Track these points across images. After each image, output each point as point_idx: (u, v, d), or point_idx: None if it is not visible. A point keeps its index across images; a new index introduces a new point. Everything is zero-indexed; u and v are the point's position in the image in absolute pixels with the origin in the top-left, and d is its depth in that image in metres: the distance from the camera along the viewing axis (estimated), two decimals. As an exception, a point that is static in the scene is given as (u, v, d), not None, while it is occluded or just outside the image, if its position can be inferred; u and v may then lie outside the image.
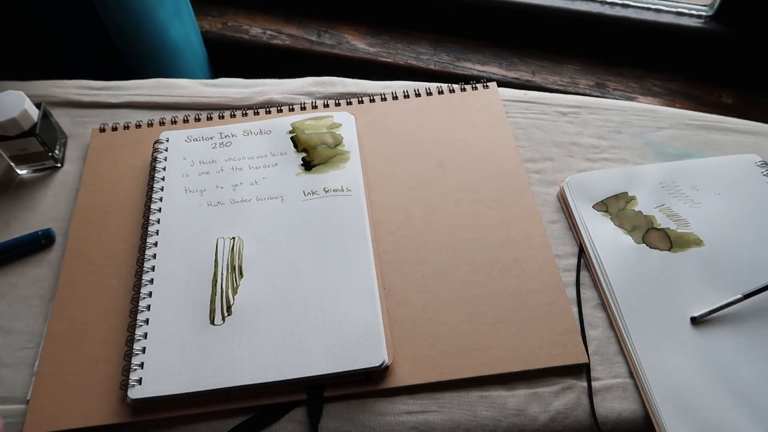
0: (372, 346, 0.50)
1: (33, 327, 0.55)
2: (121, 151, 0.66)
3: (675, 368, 0.50)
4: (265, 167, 0.63)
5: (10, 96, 0.61)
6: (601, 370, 0.51)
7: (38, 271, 0.58)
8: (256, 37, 1.13)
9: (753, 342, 0.51)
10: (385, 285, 0.55)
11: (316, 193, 0.60)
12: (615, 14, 0.99)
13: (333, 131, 0.65)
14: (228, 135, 0.66)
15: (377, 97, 0.71)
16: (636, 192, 0.61)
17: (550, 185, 0.63)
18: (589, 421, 0.49)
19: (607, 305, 0.55)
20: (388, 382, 0.50)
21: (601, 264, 0.56)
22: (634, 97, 0.98)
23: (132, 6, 0.93)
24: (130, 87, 0.74)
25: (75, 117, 0.70)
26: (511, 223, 0.59)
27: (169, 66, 1.03)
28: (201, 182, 0.62)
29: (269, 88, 0.73)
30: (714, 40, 0.96)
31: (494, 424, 0.49)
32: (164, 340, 0.51)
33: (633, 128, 0.68)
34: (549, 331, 0.53)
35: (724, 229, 0.58)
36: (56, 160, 0.66)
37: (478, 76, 1.04)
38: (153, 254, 0.57)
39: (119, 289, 0.56)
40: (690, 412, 0.48)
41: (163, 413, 0.49)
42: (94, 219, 0.61)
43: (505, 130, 0.67)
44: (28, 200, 0.64)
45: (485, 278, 0.56)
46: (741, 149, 0.66)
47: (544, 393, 0.50)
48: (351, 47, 1.10)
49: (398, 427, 0.49)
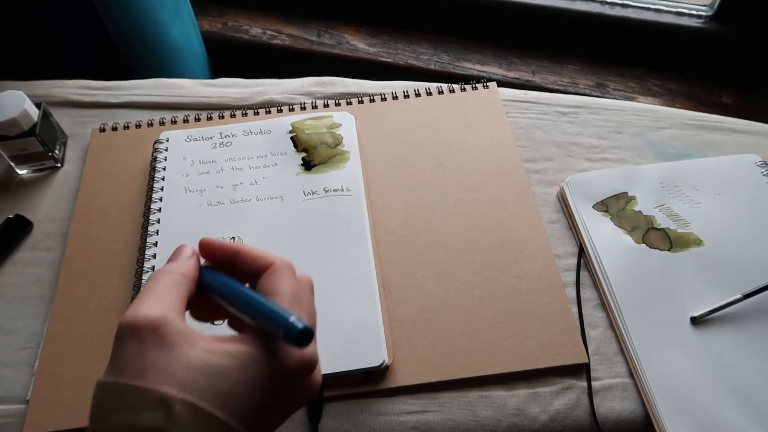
0: (372, 346, 0.50)
1: (33, 327, 0.55)
2: (121, 151, 0.66)
3: (675, 368, 0.50)
4: (265, 167, 0.63)
5: (10, 96, 0.61)
6: (601, 370, 0.51)
7: (38, 271, 0.58)
8: (256, 37, 1.13)
9: (753, 342, 0.51)
10: (385, 285, 0.55)
11: (316, 193, 0.60)
12: (615, 14, 0.99)
13: (333, 131, 0.65)
14: (228, 135, 0.66)
15: (377, 97, 0.71)
16: (636, 192, 0.61)
17: (550, 185, 0.63)
18: (589, 420, 0.49)
19: (607, 305, 0.55)
20: (388, 381, 0.50)
21: (601, 264, 0.56)
22: (634, 97, 0.98)
23: (132, 6, 0.93)
24: (130, 87, 0.74)
25: (75, 117, 0.70)
26: (511, 223, 0.59)
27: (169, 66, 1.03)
28: (201, 182, 0.62)
29: (269, 88, 0.73)
30: (714, 40, 0.96)
31: (494, 423, 0.49)
32: (164, 340, 0.51)
33: (633, 128, 0.68)
34: (549, 331, 0.53)
35: (724, 229, 0.58)
36: (56, 160, 0.66)
37: (478, 76, 1.04)
38: (153, 254, 0.57)
39: (119, 289, 0.56)
40: (690, 412, 0.48)
41: (163, 413, 0.49)
42: (94, 219, 0.61)
43: (505, 130, 0.67)
44: (28, 200, 0.64)
45: (485, 278, 0.56)
46: (741, 149, 0.66)
47: (544, 393, 0.50)
48: (351, 47, 1.10)
49: (398, 426, 0.49)
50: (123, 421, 0.29)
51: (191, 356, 0.31)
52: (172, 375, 0.30)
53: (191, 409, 0.29)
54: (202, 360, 0.31)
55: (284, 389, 0.33)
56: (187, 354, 0.31)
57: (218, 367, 0.31)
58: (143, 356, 0.31)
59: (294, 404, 0.35)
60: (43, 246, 0.60)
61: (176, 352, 0.31)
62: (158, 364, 0.31)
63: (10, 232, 0.60)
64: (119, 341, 0.32)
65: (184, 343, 0.31)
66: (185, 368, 0.31)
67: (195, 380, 0.30)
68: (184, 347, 0.31)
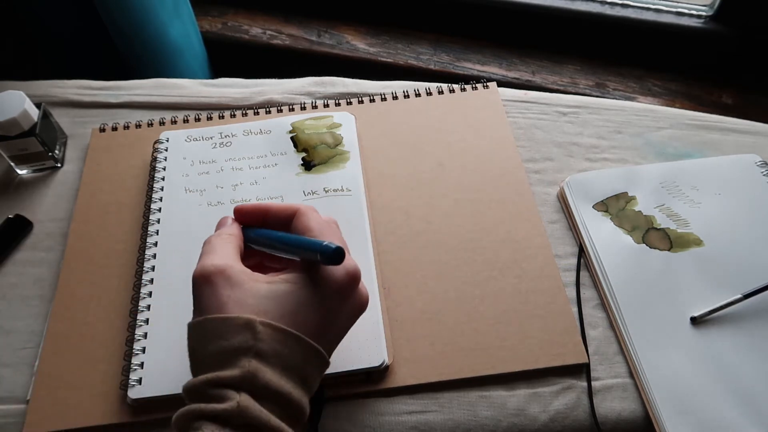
0: (372, 346, 0.50)
1: (33, 327, 0.55)
2: (121, 151, 0.66)
3: (675, 368, 0.50)
4: (265, 167, 0.63)
5: (10, 96, 0.61)
6: (601, 370, 0.51)
7: (38, 270, 0.58)
8: (256, 37, 1.13)
9: (753, 342, 0.51)
10: (385, 285, 0.55)
11: (316, 193, 0.60)
12: (615, 14, 1.00)
13: (333, 131, 0.65)
14: (228, 135, 0.66)
15: (377, 97, 0.71)
16: (636, 192, 0.61)
17: (550, 185, 0.63)
18: (589, 420, 0.49)
19: (607, 305, 0.55)
20: (389, 382, 0.50)
21: (601, 264, 0.56)
22: (634, 97, 0.99)
23: (132, 6, 0.93)
24: (130, 87, 0.74)
25: (75, 117, 0.70)
26: (511, 223, 0.59)
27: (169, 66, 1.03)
28: (201, 182, 0.62)
29: (269, 88, 0.73)
30: (714, 40, 0.97)
31: (494, 423, 0.49)
32: (164, 340, 0.51)
33: (633, 128, 0.68)
34: (549, 331, 0.53)
35: (724, 229, 0.58)
36: (56, 160, 0.66)
37: (478, 76, 1.04)
38: (153, 254, 0.57)
39: (119, 289, 0.56)
40: (690, 412, 0.48)
41: (163, 413, 0.49)
42: (95, 219, 0.61)
43: (505, 130, 0.67)
44: (28, 200, 0.64)
45: (485, 278, 0.56)
46: (741, 149, 0.66)
47: (544, 393, 0.50)
48: (351, 47, 1.10)
49: (398, 426, 0.49)
50: (218, 347, 0.37)
51: (257, 288, 0.39)
52: (246, 305, 0.38)
53: (271, 328, 0.37)
54: (266, 288, 0.39)
55: (337, 302, 0.41)
56: (253, 287, 0.39)
57: (280, 291, 0.39)
58: (219, 295, 0.39)
59: (350, 315, 0.42)
60: (43, 246, 0.60)
61: (244, 287, 0.39)
62: (232, 298, 0.38)
63: (10, 232, 0.60)
64: (197, 290, 0.40)
65: (248, 280, 0.40)
66: (255, 297, 0.39)
67: (266, 305, 0.38)
68: (249, 282, 0.39)
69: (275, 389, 0.37)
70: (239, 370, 0.36)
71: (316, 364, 0.40)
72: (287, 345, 0.38)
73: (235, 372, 0.36)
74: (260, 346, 0.37)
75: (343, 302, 0.41)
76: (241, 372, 0.36)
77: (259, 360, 0.37)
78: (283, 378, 0.37)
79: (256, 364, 0.36)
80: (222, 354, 0.37)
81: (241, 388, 0.36)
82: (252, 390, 0.36)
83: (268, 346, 0.37)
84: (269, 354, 0.37)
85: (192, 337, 0.39)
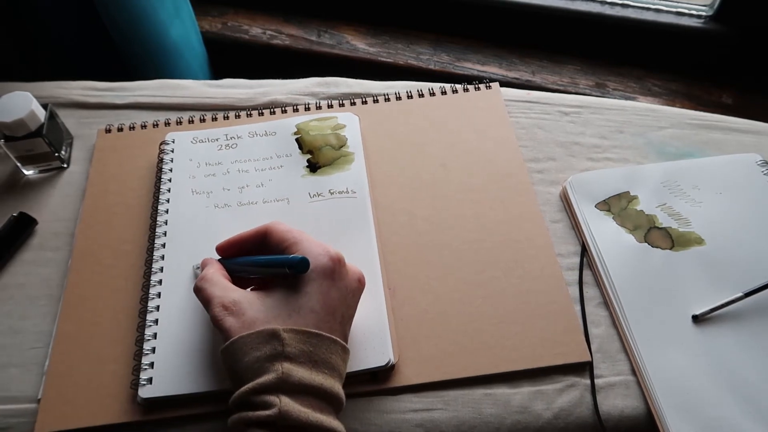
0: (378, 346, 0.51)
1: (41, 327, 0.55)
2: (127, 152, 0.67)
3: (677, 366, 0.51)
4: (270, 169, 0.63)
5: (18, 97, 0.62)
6: (604, 368, 0.52)
7: (46, 271, 0.59)
8: (256, 37, 1.13)
9: (754, 340, 0.52)
10: (390, 285, 0.56)
11: (321, 195, 0.61)
12: (615, 14, 1.00)
13: (337, 132, 0.66)
14: (233, 137, 0.66)
15: (381, 98, 0.71)
16: (638, 191, 0.62)
17: (552, 185, 0.64)
18: (593, 418, 0.50)
19: (609, 304, 0.55)
20: (394, 381, 0.51)
21: (603, 263, 0.57)
22: (634, 97, 0.99)
23: (132, 6, 0.93)
24: (135, 88, 0.74)
25: (80, 118, 0.71)
26: (513, 222, 0.60)
27: (169, 66, 1.03)
28: (207, 184, 0.62)
29: (273, 88, 0.73)
30: (714, 40, 0.97)
31: (498, 421, 0.50)
32: (174, 340, 0.52)
33: (634, 128, 0.69)
34: (552, 329, 0.53)
35: (725, 227, 0.59)
36: (62, 161, 0.66)
37: (478, 76, 1.04)
38: (161, 255, 0.57)
39: (127, 290, 0.56)
40: (692, 410, 0.49)
41: (173, 412, 0.49)
42: (101, 219, 0.61)
43: (508, 130, 0.67)
44: (34, 201, 0.64)
45: (488, 278, 0.56)
46: (742, 148, 0.66)
47: (548, 391, 0.51)
48: (351, 47, 1.10)
49: (404, 424, 0.49)
50: (253, 358, 0.42)
51: (263, 302, 0.45)
52: (265, 320, 0.44)
53: (293, 332, 0.43)
54: (270, 299, 0.45)
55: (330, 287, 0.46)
56: (263, 302, 0.45)
57: (281, 297, 0.45)
58: (242, 319, 0.44)
59: (349, 294, 0.47)
60: (50, 246, 0.61)
61: (255, 306, 0.45)
62: (252, 317, 0.44)
63: (15, 230, 0.60)
64: (219, 324, 0.45)
65: (254, 299, 0.46)
66: (265, 310, 0.45)
67: (277, 312, 0.44)
68: (256, 300, 0.46)
69: (309, 383, 0.41)
70: (274, 374, 0.41)
71: (337, 351, 0.44)
72: (310, 343, 0.43)
73: (271, 377, 0.41)
74: (288, 350, 0.42)
75: (336, 285, 0.46)
76: (276, 375, 0.41)
77: (289, 362, 0.42)
78: (314, 372, 0.42)
79: (288, 366, 0.41)
80: (256, 363, 0.42)
81: (279, 390, 0.41)
82: (289, 389, 0.41)
83: (295, 348, 0.42)
84: (297, 354, 0.42)
85: (227, 358, 0.44)
